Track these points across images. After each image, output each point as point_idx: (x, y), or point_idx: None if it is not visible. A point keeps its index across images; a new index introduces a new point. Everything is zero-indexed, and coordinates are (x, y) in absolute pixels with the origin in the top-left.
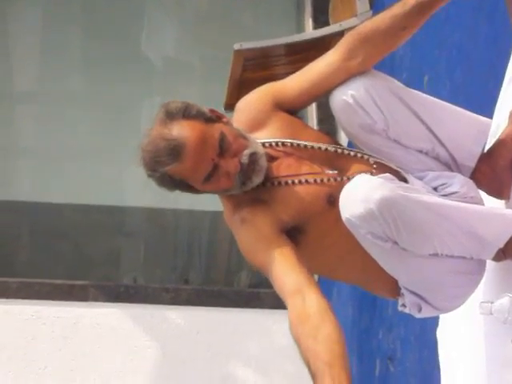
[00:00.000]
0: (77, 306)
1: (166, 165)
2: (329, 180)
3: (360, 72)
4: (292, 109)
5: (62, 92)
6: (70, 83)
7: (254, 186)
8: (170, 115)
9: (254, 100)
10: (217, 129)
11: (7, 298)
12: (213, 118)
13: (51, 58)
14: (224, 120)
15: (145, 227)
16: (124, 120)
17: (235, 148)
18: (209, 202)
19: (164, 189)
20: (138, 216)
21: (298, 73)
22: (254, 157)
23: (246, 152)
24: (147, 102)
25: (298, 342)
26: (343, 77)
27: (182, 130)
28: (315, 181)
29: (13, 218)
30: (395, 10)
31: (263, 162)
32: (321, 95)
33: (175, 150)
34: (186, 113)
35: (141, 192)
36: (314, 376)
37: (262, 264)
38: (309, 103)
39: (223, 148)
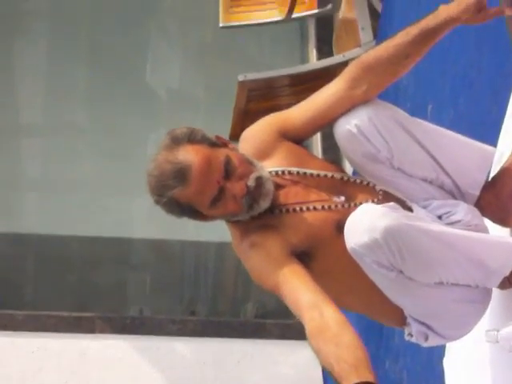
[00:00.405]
0: (83, 338)
1: (172, 188)
2: (336, 206)
3: (364, 101)
4: (297, 138)
5: (67, 125)
6: (76, 116)
7: (262, 212)
8: (176, 140)
9: (259, 130)
10: (222, 153)
11: (14, 330)
12: (218, 144)
13: (56, 92)
14: (230, 146)
15: (151, 259)
16: (129, 152)
17: (241, 171)
18: (215, 233)
19: (171, 215)
20: (144, 247)
21: (302, 102)
22: (260, 180)
23: (253, 176)
24: (152, 133)
25: (318, 350)
26: (347, 106)
27: (187, 154)
28: (323, 207)
29: (19, 251)
30: (398, 39)
31: (270, 186)
32: (325, 124)
33: (181, 173)
34: (192, 137)
35: (147, 223)
36: (339, 378)
37: (275, 284)
38: (313, 133)
39: (229, 171)
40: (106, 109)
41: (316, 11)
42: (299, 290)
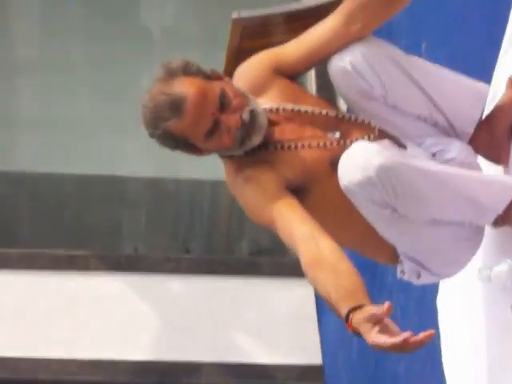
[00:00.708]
0: (78, 275)
1: (167, 119)
2: (332, 144)
3: (359, 38)
4: (291, 74)
5: (61, 63)
6: (70, 54)
7: (257, 148)
8: (171, 73)
9: (253, 65)
10: (217, 85)
11: (8, 268)
12: (213, 76)
13: (51, 30)
14: (225, 79)
15: (146, 197)
16: (124, 90)
17: (236, 104)
18: (209, 171)
19: (165, 148)
20: (138, 186)
21: (297, 38)
22: (254, 114)
23: (247, 109)
24: (147, 72)
25: (315, 278)
26: (342, 42)
27: (182, 86)
28: (318, 145)
29: (12, 189)
30: None
31: (263, 120)
32: (320, 61)
33: (176, 105)
34: (187, 70)
35: (142, 162)
36: (337, 303)
37: (269, 218)
38: (307, 69)
39: (224, 103)
40: (101, 47)
41: None
42: (294, 223)
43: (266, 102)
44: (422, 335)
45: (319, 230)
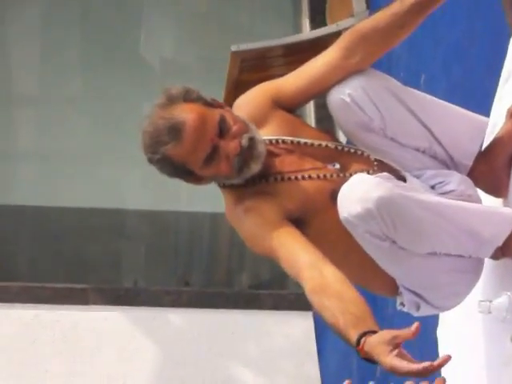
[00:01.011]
0: (77, 309)
1: (166, 144)
2: (332, 176)
3: (358, 70)
4: (290, 106)
5: (61, 95)
6: (69, 86)
7: (257, 180)
8: (171, 99)
9: (252, 97)
10: (217, 112)
11: (7, 302)
12: (214, 104)
13: (50, 61)
14: (225, 107)
15: (145, 230)
16: (123, 122)
17: (235, 130)
18: (209, 204)
19: (164, 174)
20: (138, 219)
21: (296, 70)
22: (253, 141)
23: (246, 135)
24: (146, 103)
25: (322, 305)
26: (341, 75)
27: (182, 111)
28: (318, 176)
29: (12, 223)
30: (393, 9)
31: (262, 149)
32: (318, 93)
33: (175, 129)
34: (187, 96)
35: (141, 194)
36: (345, 329)
37: (271, 248)
38: (306, 101)
39: (223, 129)
40: (100, 79)
41: None
42: (297, 251)
43: (265, 134)
44: (439, 360)
45: (322, 258)
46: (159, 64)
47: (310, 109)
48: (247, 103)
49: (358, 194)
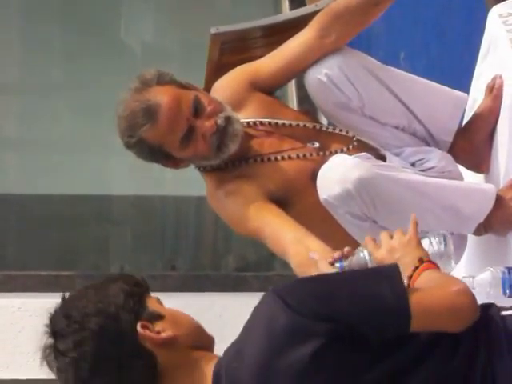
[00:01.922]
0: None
1: (142, 126)
2: (311, 155)
3: (334, 50)
4: (269, 88)
5: (44, 83)
6: (52, 74)
7: (236, 162)
8: (145, 83)
9: (230, 81)
10: (191, 93)
11: None
12: (187, 86)
13: (32, 49)
14: (199, 89)
15: (131, 215)
16: (105, 108)
17: (211, 110)
18: (194, 187)
19: (142, 158)
20: (123, 204)
21: (273, 52)
22: (229, 120)
23: (222, 114)
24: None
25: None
26: (318, 54)
27: (156, 94)
28: (298, 156)
29: None
30: None
31: (238, 127)
32: (296, 74)
33: (150, 111)
34: (161, 79)
35: (126, 180)
36: None
37: (255, 228)
38: (285, 82)
39: (198, 109)
40: (81, 66)
41: None
42: (281, 229)
43: (244, 117)
44: None
45: (306, 232)
46: (141, 49)
47: (291, 89)
48: (225, 86)
49: (337, 175)
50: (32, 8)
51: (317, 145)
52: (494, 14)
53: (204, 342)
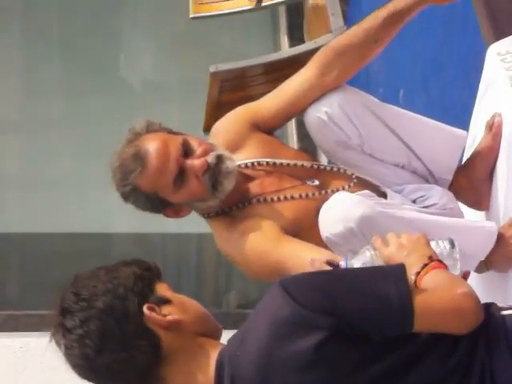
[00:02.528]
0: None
1: (133, 171)
2: (314, 194)
3: (334, 87)
4: (269, 128)
5: (44, 120)
6: (52, 111)
7: (240, 205)
8: (135, 134)
9: (229, 122)
10: (180, 136)
11: None
12: (177, 133)
13: (31, 87)
14: (189, 135)
15: (132, 253)
16: (105, 146)
17: (201, 150)
18: (195, 225)
19: (141, 208)
20: (124, 242)
21: (273, 92)
22: (221, 158)
23: (213, 153)
24: (128, 127)
25: None
26: (318, 93)
27: (145, 141)
28: (300, 196)
29: None
30: (367, 24)
31: (231, 164)
32: (297, 113)
33: (139, 155)
34: (150, 128)
35: (127, 217)
36: None
37: (278, 261)
38: (285, 121)
39: (187, 150)
40: (81, 103)
41: None
42: (308, 254)
43: (243, 158)
44: None
45: (332, 254)
46: (141, 87)
47: (291, 127)
48: (224, 128)
49: (339, 213)
50: (32, 45)
51: (316, 182)
52: (493, 51)
53: (211, 329)
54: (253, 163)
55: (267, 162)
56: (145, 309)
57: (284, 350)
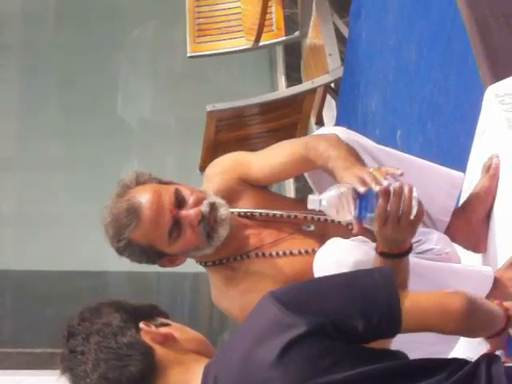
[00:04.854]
0: (58, 374)
1: (127, 226)
2: (313, 250)
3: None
4: (261, 186)
5: (40, 159)
6: (49, 150)
7: (239, 258)
8: (125, 186)
9: (222, 172)
10: (171, 186)
11: None
12: (167, 182)
13: (31, 126)
14: (178, 183)
15: (127, 291)
16: (102, 184)
17: (194, 199)
18: (189, 264)
19: (136, 261)
20: (119, 280)
21: (262, 155)
22: (214, 206)
23: (206, 202)
24: (125, 166)
25: None
26: (304, 168)
27: (136, 193)
28: (300, 252)
29: None
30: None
31: (224, 211)
32: (284, 179)
33: (132, 209)
34: (139, 179)
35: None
36: None
37: None
38: (273, 183)
39: (180, 200)
40: (79, 143)
41: (283, 38)
42: None
43: (238, 207)
44: None
45: None
46: (138, 127)
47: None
48: (217, 176)
49: (334, 258)
50: (31, 86)
51: (312, 228)
52: (491, 93)
53: (207, 351)
54: (246, 213)
55: (260, 213)
56: (141, 324)
57: (262, 348)
